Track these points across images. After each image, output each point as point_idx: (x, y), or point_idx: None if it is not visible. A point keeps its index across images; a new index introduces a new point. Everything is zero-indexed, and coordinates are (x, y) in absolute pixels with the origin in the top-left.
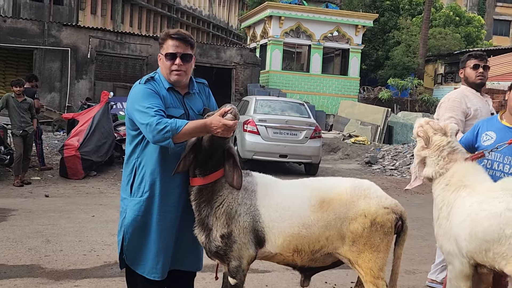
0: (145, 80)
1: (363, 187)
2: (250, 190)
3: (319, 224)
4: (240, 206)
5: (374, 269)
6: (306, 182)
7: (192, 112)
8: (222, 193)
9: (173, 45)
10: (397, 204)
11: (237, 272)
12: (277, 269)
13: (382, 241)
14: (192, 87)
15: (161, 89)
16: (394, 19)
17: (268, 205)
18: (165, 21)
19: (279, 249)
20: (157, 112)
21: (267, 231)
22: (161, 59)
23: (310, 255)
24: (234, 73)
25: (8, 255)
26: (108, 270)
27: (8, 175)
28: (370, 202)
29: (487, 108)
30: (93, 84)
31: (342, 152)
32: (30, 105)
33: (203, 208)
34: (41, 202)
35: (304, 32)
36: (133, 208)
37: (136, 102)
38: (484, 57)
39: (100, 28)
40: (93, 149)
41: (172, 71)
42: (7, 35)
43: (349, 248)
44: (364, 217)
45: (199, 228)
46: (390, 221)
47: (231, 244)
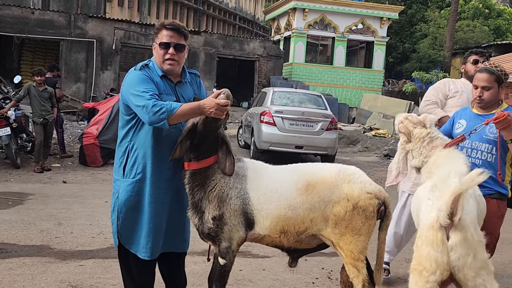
0: (140, 66)
1: (347, 172)
2: (241, 175)
3: (304, 206)
4: (231, 190)
5: (354, 252)
6: (294, 166)
7: (182, 99)
8: (215, 177)
9: (167, 35)
10: (380, 190)
11: (227, 253)
12: (275, 254)
13: (363, 224)
14: (184, 76)
15: (155, 76)
16: (421, 11)
17: (257, 188)
18: (191, 13)
19: (267, 230)
20: (152, 96)
21: (256, 213)
22: (155, 48)
23: (295, 236)
24: (257, 65)
25: (20, 236)
26: (113, 251)
27: (29, 162)
28: (353, 187)
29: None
30: (117, 75)
31: (361, 144)
32: (50, 94)
33: (196, 192)
34: (58, 188)
35: (328, 25)
36: (126, 189)
37: (131, 87)
38: (484, 54)
39: (125, 20)
40: (111, 137)
41: (165, 60)
42: (35, 27)
43: (331, 230)
44: (347, 200)
45: (192, 210)
46: (373, 205)
47: (222, 226)
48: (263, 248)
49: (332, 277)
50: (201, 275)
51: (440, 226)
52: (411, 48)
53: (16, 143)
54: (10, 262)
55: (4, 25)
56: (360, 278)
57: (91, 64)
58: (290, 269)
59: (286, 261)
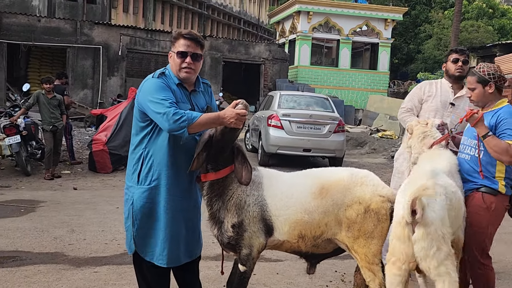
0: (158, 74)
1: (359, 175)
2: (257, 182)
3: (319, 210)
4: (248, 197)
5: (368, 255)
6: (308, 171)
7: (197, 108)
8: (232, 187)
9: (185, 44)
10: (393, 193)
11: (247, 260)
12: (289, 258)
13: (376, 227)
14: (198, 85)
15: (171, 84)
16: (425, 12)
17: (274, 195)
18: (196, 18)
19: (286, 236)
20: (171, 104)
21: (274, 219)
22: (171, 57)
23: (312, 240)
24: (262, 68)
25: (34, 243)
26: (127, 257)
27: (39, 169)
28: (366, 190)
29: (446, 97)
30: (124, 81)
31: (368, 146)
32: (59, 101)
33: (214, 202)
34: (69, 195)
35: (332, 27)
36: (141, 196)
37: (149, 94)
38: (464, 52)
39: (130, 26)
40: (120, 143)
41: (182, 68)
42: (41, 34)
43: (345, 233)
44: (359, 203)
45: (211, 221)
46: (385, 208)
47: (242, 233)
48: (276, 252)
49: (346, 280)
50: (214, 280)
51: (406, 223)
52: (415, 49)
53: (26, 150)
54: (26, 270)
55: (11, 33)
56: (377, 282)
57: (98, 70)
58: (304, 272)
59: (299, 265)
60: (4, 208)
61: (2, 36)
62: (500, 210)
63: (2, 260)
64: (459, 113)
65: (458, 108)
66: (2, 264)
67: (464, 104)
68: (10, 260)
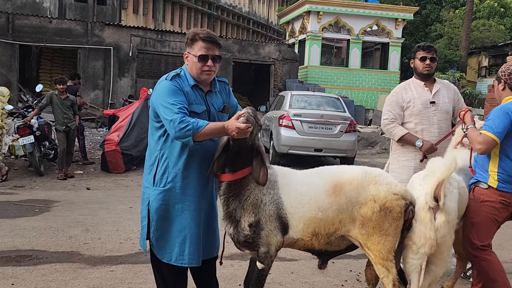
0: (171, 76)
1: (373, 173)
2: (272, 181)
3: (333, 207)
4: (265, 196)
5: (383, 252)
6: (321, 169)
7: (213, 108)
8: (249, 187)
9: (205, 47)
10: (407, 190)
11: (265, 258)
12: (304, 257)
13: (390, 225)
14: (214, 86)
15: (185, 86)
16: (436, 11)
17: (289, 193)
18: (205, 18)
19: (300, 233)
20: (180, 109)
21: (289, 217)
22: (188, 58)
23: (326, 238)
24: (272, 69)
25: (50, 243)
26: (142, 257)
27: (52, 169)
28: (380, 188)
29: (425, 97)
30: (134, 82)
31: (379, 146)
32: (72, 102)
33: (231, 202)
34: (83, 194)
35: (342, 27)
36: (157, 197)
37: (161, 97)
38: (432, 49)
39: (141, 27)
40: (132, 144)
41: (203, 71)
42: (53, 36)
43: (359, 231)
44: (374, 201)
45: (226, 220)
46: (400, 206)
47: (259, 232)
48: (291, 251)
49: (361, 279)
50: (230, 279)
51: (429, 208)
52: None
53: (39, 151)
54: (42, 269)
55: (22, 35)
56: (390, 278)
57: (109, 71)
58: (319, 271)
59: (314, 264)
60: (19, 207)
61: (14, 38)
62: (491, 204)
63: (19, 258)
64: (444, 109)
65: (439, 104)
66: (19, 262)
67: (443, 98)
68: (26, 259)
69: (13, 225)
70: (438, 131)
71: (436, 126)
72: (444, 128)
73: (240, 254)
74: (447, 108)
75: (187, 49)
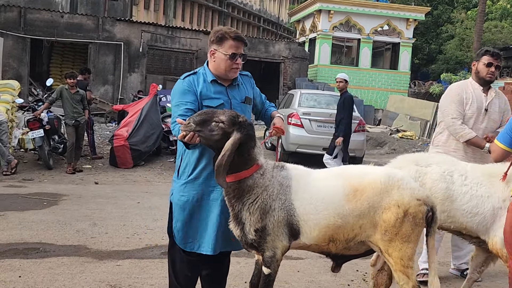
0: (185, 75)
1: (396, 177)
2: (285, 185)
3: (354, 213)
4: (274, 202)
5: (404, 259)
6: (339, 171)
7: (234, 100)
8: (255, 191)
9: (234, 46)
10: (428, 196)
11: (271, 262)
12: (310, 256)
13: (413, 231)
14: (235, 80)
15: (201, 82)
16: (448, 12)
17: (302, 198)
18: (216, 15)
19: (314, 240)
20: (183, 110)
21: (302, 224)
22: (215, 55)
23: (344, 243)
24: (282, 67)
25: (57, 236)
26: (149, 252)
27: (61, 163)
28: (404, 193)
29: (481, 102)
30: (144, 77)
31: (388, 146)
32: (82, 96)
33: (234, 204)
34: (91, 189)
35: (353, 26)
36: (178, 189)
37: (172, 97)
38: (499, 57)
39: (151, 23)
40: (141, 139)
41: (232, 69)
42: (64, 30)
43: (381, 237)
44: (398, 207)
45: (233, 222)
46: (422, 212)
47: (265, 237)
48: (297, 250)
49: (367, 279)
50: (236, 276)
51: None
52: (437, 49)
53: (48, 144)
54: (50, 262)
55: (34, 29)
56: (410, 285)
57: (119, 66)
58: (325, 270)
59: (320, 263)
60: (27, 200)
61: (25, 32)
62: None
63: (26, 251)
64: (492, 117)
65: (490, 113)
66: (27, 255)
67: (495, 106)
68: (34, 251)
69: (21, 218)
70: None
71: (481, 132)
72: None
73: (246, 252)
74: (496, 117)
75: (213, 46)
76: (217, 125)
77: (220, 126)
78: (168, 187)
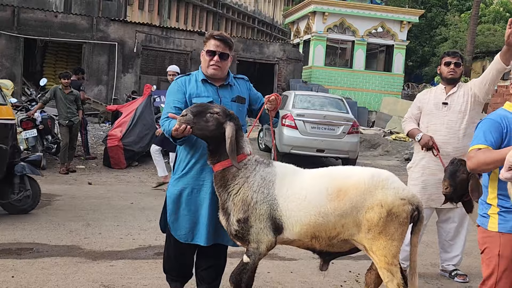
0: (178, 77)
1: (380, 177)
2: (268, 180)
3: (336, 212)
4: (256, 194)
5: (388, 256)
6: (325, 171)
7: (225, 99)
8: (237, 182)
9: (214, 44)
10: (413, 195)
11: (253, 253)
12: (303, 257)
13: (397, 230)
14: (227, 80)
15: (191, 82)
16: (441, 15)
17: (286, 195)
18: (211, 16)
19: (297, 236)
20: (170, 109)
21: (284, 219)
22: (202, 55)
23: (327, 241)
24: (276, 68)
25: (50, 236)
26: (142, 252)
27: (54, 163)
28: (387, 193)
29: (438, 98)
30: (138, 78)
31: (382, 148)
32: (76, 97)
33: (221, 193)
34: (84, 189)
35: (347, 28)
36: (172, 183)
37: (166, 97)
38: (456, 55)
39: (146, 23)
40: (135, 140)
41: (209, 65)
42: (58, 30)
43: (364, 235)
44: (381, 207)
45: (221, 212)
46: (406, 212)
47: (248, 229)
48: (290, 250)
49: (360, 280)
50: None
51: None
52: (430, 52)
53: (42, 144)
54: (43, 262)
55: (27, 28)
56: (395, 282)
57: (113, 67)
58: (318, 271)
59: (313, 264)
60: None
61: (19, 31)
62: None
63: (19, 251)
64: (455, 109)
65: (452, 106)
66: (20, 255)
67: (458, 99)
68: (27, 251)
69: (14, 218)
70: (447, 131)
71: (444, 126)
72: (454, 129)
73: (240, 253)
74: (459, 108)
75: (203, 47)
76: (212, 116)
77: (215, 117)
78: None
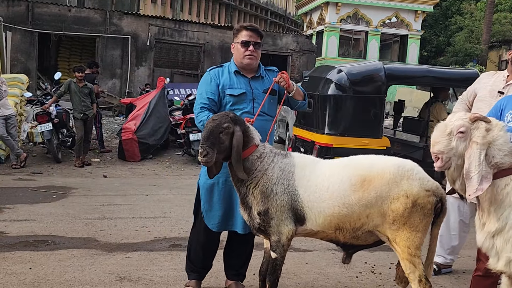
0: (211, 68)
1: (406, 167)
2: (287, 171)
3: (360, 203)
4: (276, 186)
5: (411, 248)
6: (345, 161)
7: (256, 90)
8: (255, 175)
9: (248, 35)
10: (438, 187)
11: (277, 247)
12: (318, 248)
13: (421, 221)
14: (258, 72)
15: (224, 73)
16: (457, 3)
17: (307, 186)
18: (223, 8)
19: (321, 227)
20: (204, 99)
21: (306, 210)
22: (234, 47)
23: (352, 232)
24: (290, 60)
25: (67, 229)
26: (158, 244)
27: (70, 157)
28: (413, 184)
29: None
30: (152, 71)
31: None
32: (90, 90)
33: (240, 188)
34: (99, 182)
35: (361, 18)
36: (205, 172)
37: (198, 87)
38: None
39: (159, 16)
40: (149, 132)
41: (245, 56)
42: (71, 24)
43: (388, 226)
44: (406, 197)
45: (242, 207)
46: (431, 203)
47: (269, 221)
48: (306, 242)
49: (376, 271)
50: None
51: None
52: (445, 42)
53: (57, 138)
54: (60, 254)
55: (42, 23)
56: (417, 274)
57: (126, 60)
58: (333, 262)
59: (329, 255)
60: (37, 193)
61: (33, 26)
62: None
63: (36, 243)
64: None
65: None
66: (37, 247)
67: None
68: (44, 244)
69: (31, 211)
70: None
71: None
72: None
73: (254, 244)
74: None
75: (234, 40)
76: (224, 134)
77: (226, 132)
78: (175, 180)
